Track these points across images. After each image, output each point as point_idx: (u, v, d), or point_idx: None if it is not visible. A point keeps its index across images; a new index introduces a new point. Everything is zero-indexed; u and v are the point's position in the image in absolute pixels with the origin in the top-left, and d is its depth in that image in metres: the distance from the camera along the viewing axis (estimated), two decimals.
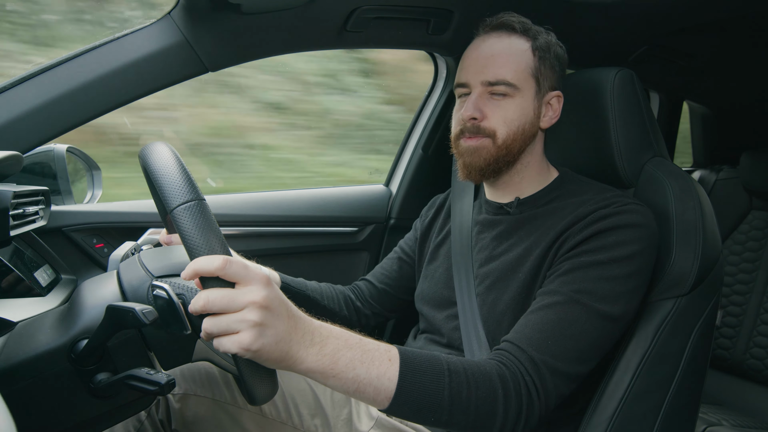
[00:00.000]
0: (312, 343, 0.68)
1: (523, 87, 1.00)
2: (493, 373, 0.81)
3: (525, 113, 1.01)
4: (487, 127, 1.00)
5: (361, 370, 0.71)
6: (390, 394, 0.73)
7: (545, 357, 0.83)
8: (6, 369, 0.69)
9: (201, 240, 0.62)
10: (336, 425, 1.08)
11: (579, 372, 0.87)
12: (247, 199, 1.58)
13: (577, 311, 0.86)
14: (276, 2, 1.06)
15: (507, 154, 1.01)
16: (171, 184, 0.64)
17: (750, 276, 1.93)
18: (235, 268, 0.61)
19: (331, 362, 0.69)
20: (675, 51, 1.67)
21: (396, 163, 1.81)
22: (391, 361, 0.74)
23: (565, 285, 0.89)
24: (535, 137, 1.05)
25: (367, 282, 1.32)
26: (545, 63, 1.02)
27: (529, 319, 0.89)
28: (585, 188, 1.04)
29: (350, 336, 0.73)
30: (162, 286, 0.68)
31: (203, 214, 0.63)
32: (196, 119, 2.82)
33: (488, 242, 1.08)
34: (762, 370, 1.85)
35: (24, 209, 1.03)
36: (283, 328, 0.64)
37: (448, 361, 0.79)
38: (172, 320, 0.68)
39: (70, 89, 1.01)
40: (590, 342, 0.86)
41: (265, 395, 0.68)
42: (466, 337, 1.03)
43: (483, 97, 1.00)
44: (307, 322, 0.69)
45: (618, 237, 0.90)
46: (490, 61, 1.00)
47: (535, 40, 1.01)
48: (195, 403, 1.02)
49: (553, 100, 1.05)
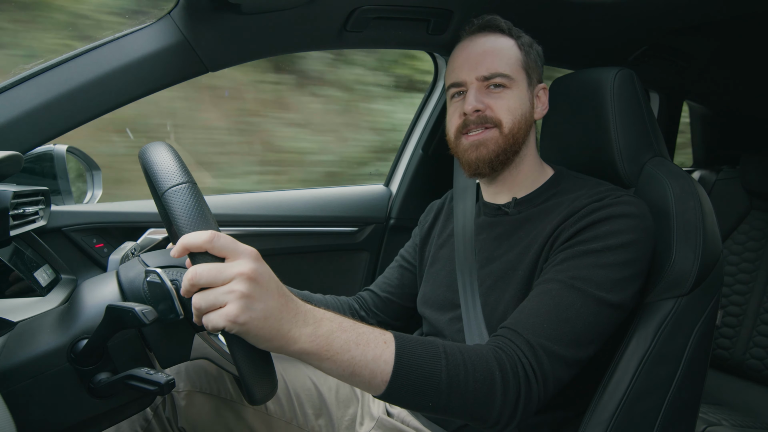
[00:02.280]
0: (305, 324, 0.67)
1: (517, 78, 1.03)
2: (489, 356, 0.79)
3: (523, 103, 1.04)
4: (492, 116, 1.01)
5: (357, 351, 0.70)
6: (387, 377, 0.72)
7: (541, 340, 0.82)
8: (6, 369, 0.69)
9: (189, 219, 0.62)
10: (340, 427, 1.08)
11: (576, 356, 0.85)
12: (247, 199, 1.58)
13: (572, 295, 0.86)
14: (276, 2, 1.06)
15: (514, 143, 1.03)
16: (162, 170, 0.65)
17: (750, 276, 1.93)
18: (223, 241, 0.61)
19: (326, 343, 0.68)
20: (675, 51, 1.67)
21: (396, 163, 1.81)
22: (386, 343, 0.73)
23: (560, 273, 0.89)
24: (530, 129, 1.07)
25: (370, 292, 1.31)
26: (530, 57, 1.06)
27: (525, 305, 0.89)
28: (580, 184, 1.04)
29: (344, 319, 0.72)
30: (155, 271, 0.69)
31: (193, 196, 0.63)
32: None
33: (488, 244, 1.08)
34: (762, 370, 1.85)
35: (24, 209, 1.03)
36: (273, 304, 0.63)
37: (444, 345, 0.78)
38: (164, 306, 0.68)
39: (70, 89, 1.01)
40: (586, 325, 0.86)
41: (265, 395, 0.68)
42: (470, 340, 1.03)
43: (482, 91, 1.02)
44: (299, 302, 0.68)
45: (612, 226, 0.91)
46: (482, 58, 1.02)
47: (519, 38, 1.06)
48: (200, 401, 1.03)
49: (541, 92, 1.09)
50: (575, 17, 1.30)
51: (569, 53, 1.52)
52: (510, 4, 1.19)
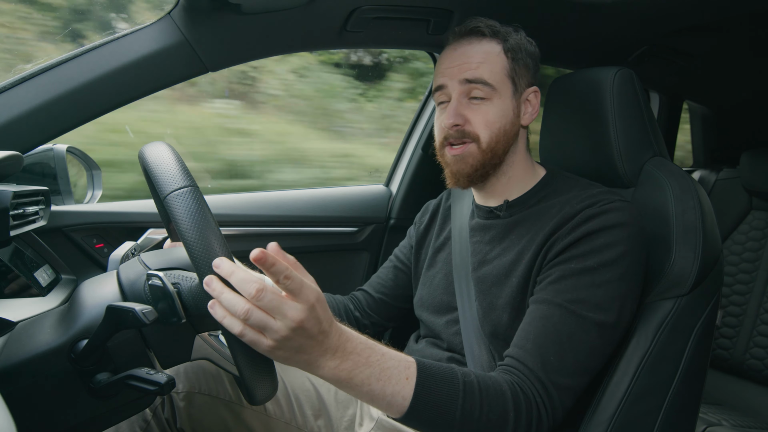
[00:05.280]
0: (333, 357, 0.69)
1: (500, 88, 1.01)
2: (507, 394, 0.81)
3: (505, 114, 1.01)
4: (470, 131, 1.00)
5: (377, 386, 0.73)
6: (402, 410, 0.75)
7: (551, 375, 0.84)
8: (6, 369, 0.69)
9: (192, 224, 0.62)
10: (339, 428, 1.08)
11: (582, 383, 0.88)
12: (247, 199, 1.58)
13: (574, 324, 0.87)
14: (276, 2, 1.06)
15: (492, 157, 1.02)
16: (164, 173, 0.65)
17: (750, 276, 1.93)
18: (295, 284, 0.63)
19: (347, 377, 0.71)
20: (675, 51, 1.67)
21: (396, 163, 1.82)
22: (408, 379, 0.75)
23: (558, 294, 0.89)
24: (517, 136, 1.06)
25: (364, 292, 1.31)
26: (518, 62, 1.03)
27: (528, 332, 0.89)
28: (571, 185, 1.04)
29: (372, 352, 0.74)
30: (157, 274, 0.69)
31: (195, 200, 0.64)
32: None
33: (481, 247, 1.08)
34: (762, 370, 1.85)
35: (24, 209, 1.03)
36: (307, 344, 0.66)
37: (465, 380, 0.80)
38: (167, 309, 0.68)
39: (70, 89, 1.01)
40: (590, 353, 0.87)
41: (265, 395, 0.68)
42: (467, 342, 1.03)
43: (462, 103, 1.01)
44: (334, 338, 0.70)
45: (606, 239, 0.90)
46: (465, 63, 1.01)
47: (506, 41, 1.02)
48: (200, 402, 1.03)
49: (531, 96, 1.06)
50: (575, 17, 1.30)
51: (569, 53, 1.52)
52: (510, 4, 1.19)
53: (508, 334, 0.95)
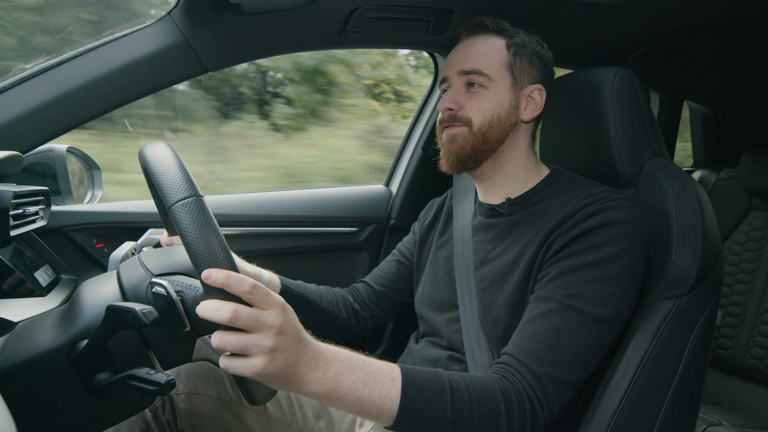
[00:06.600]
0: (317, 367, 0.70)
1: (497, 78, 1.03)
2: (495, 389, 0.81)
3: (500, 103, 1.04)
4: (463, 116, 1.04)
5: (364, 391, 0.73)
6: (393, 414, 0.75)
7: (545, 368, 0.84)
8: (6, 369, 0.69)
9: (200, 238, 0.62)
10: (340, 429, 1.08)
11: (580, 378, 0.87)
12: (247, 199, 1.58)
13: (571, 318, 0.87)
14: (276, 2, 1.06)
15: (484, 141, 1.04)
16: (169, 181, 0.64)
17: (750, 276, 1.93)
18: (261, 293, 0.64)
19: (335, 385, 0.71)
20: (675, 51, 1.67)
21: (396, 163, 1.81)
22: (393, 381, 0.76)
23: (557, 290, 0.90)
24: (517, 129, 1.07)
25: (365, 284, 1.32)
26: (521, 58, 1.05)
27: (525, 329, 0.89)
28: (574, 184, 1.04)
29: (353, 358, 0.75)
30: (161, 283, 0.68)
31: (201, 211, 0.63)
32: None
33: (484, 245, 1.08)
34: (762, 370, 1.85)
35: (24, 209, 1.03)
36: (293, 353, 0.67)
37: (450, 378, 0.80)
38: (171, 318, 0.68)
39: (70, 89, 1.01)
40: (588, 347, 0.87)
41: (265, 395, 0.68)
42: (467, 341, 1.03)
43: (460, 91, 1.05)
44: (314, 345, 0.71)
45: (606, 235, 0.91)
46: (466, 55, 1.05)
47: (511, 38, 1.06)
48: (200, 403, 1.03)
49: (535, 93, 1.07)
50: (575, 17, 1.30)
51: (569, 53, 1.52)
52: (510, 4, 1.19)
53: (508, 333, 0.95)
